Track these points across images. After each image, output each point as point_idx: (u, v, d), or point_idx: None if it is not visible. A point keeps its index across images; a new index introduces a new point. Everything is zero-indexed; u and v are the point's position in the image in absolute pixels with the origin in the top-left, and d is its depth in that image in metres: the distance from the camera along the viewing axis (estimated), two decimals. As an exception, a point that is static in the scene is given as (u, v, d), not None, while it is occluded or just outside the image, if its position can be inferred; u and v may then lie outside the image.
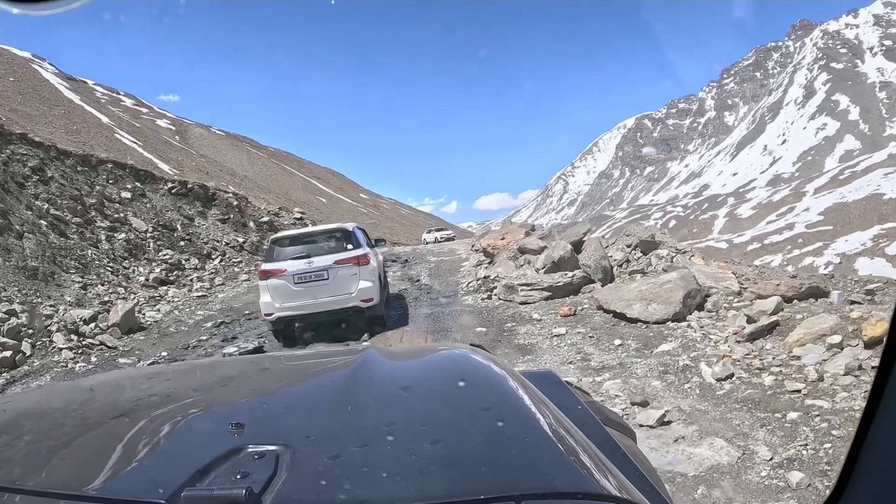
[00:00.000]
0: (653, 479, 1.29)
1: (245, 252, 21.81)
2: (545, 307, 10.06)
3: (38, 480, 1.02)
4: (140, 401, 1.42)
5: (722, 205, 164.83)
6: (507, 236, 15.56)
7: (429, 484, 0.93)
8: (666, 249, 11.33)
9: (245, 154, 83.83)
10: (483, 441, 1.06)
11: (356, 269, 9.35)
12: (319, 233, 10.28)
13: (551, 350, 7.73)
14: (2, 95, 45.56)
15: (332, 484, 0.92)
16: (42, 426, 1.31)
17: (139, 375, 2.01)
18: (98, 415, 1.37)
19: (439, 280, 15.35)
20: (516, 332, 8.89)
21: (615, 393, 5.84)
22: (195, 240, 21.01)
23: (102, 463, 1.05)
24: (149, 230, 19.96)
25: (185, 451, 1.09)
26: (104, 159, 22.80)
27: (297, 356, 3.24)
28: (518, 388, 1.30)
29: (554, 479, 0.94)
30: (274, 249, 10.04)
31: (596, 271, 10.88)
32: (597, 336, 8.01)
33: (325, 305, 9.39)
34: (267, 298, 9.53)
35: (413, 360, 1.75)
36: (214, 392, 1.55)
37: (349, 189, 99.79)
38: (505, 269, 12.21)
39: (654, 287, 8.84)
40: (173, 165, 49.28)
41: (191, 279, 17.82)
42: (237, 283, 17.44)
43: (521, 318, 9.63)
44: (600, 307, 9.13)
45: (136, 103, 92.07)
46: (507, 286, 10.96)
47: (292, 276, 9.32)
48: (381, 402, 1.29)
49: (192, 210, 22.88)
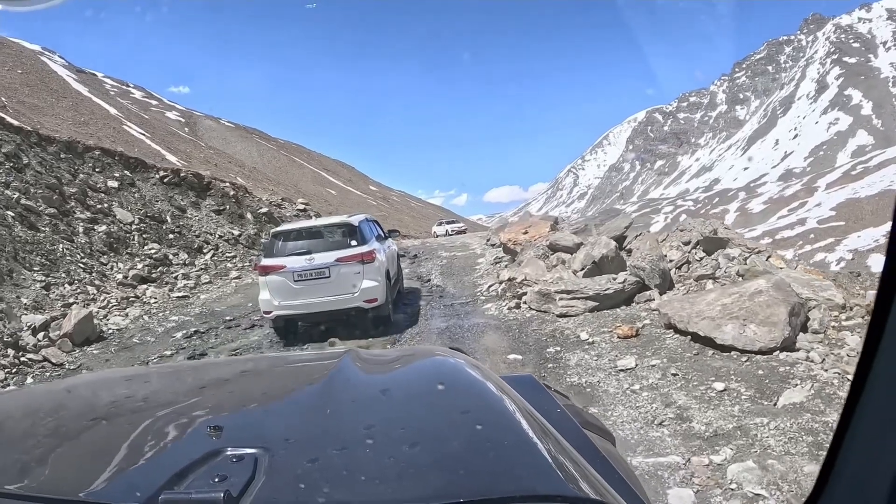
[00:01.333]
0: (632, 482, 1.27)
1: (240, 246, 19.68)
2: (593, 322, 7.81)
3: (12, 484, 0.97)
4: (117, 403, 1.41)
5: (733, 199, 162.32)
6: (529, 230, 13.34)
7: (407, 487, 0.91)
8: (737, 248, 9.05)
9: (254, 146, 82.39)
10: (462, 445, 1.05)
11: (360, 267, 8.65)
12: (322, 227, 9.44)
13: (623, 397, 5.36)
14: (9, 87, 44.11)
15: (311, 487, 0.91)
16: (17, 429, 1.27)
17: (117, 378, 1.89)
18: (75, 418, 1.34)
19: (453, 281, 13.16)
20: (564, 362, 6.58)
21: (755, 490, 3.53)
22: (185, 232, 18.90)
23: (79, 466, 1.05)
24: (134, 222, 17.90)
25: (162, 454, 1.07)
26: (91, 146, 20.77)
27: (276, 359, 2.87)
28: (497, 391, 1.28)
29: (532, 483, 0.92)
30: (274, 244, 9.25)
31: (652, 276, 8.61)
32: (683, 373, 5.66)
33: (326, 305, 8.72)
34: (266, 296, 8.88)
35: (392, 364, 1.71)
36: (193, 394, 1.48)
37: (359, 181, 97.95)
38: (534, 271, 9.97)
39: (741, 299, 6.58)
40: (181, 157, 47.86)
41: (175, 276, 15.72)
42: (225, 282, 15.29)
43: (566, 340, 7.38)
44: (671, 326, 6.87)
45: (145, 95, 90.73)
46: (542, 293, 8.72)
47: (292, 273, 8.66)
48: (360, 405, 1.27)
49: (185, 200, 20.78)
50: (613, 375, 5.85)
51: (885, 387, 0.82)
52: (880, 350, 0.82)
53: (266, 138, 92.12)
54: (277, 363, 2.07)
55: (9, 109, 36.39)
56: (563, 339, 7.39)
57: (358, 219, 9.61)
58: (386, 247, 10.29)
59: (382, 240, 10.45)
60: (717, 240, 9.30)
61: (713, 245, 9.26)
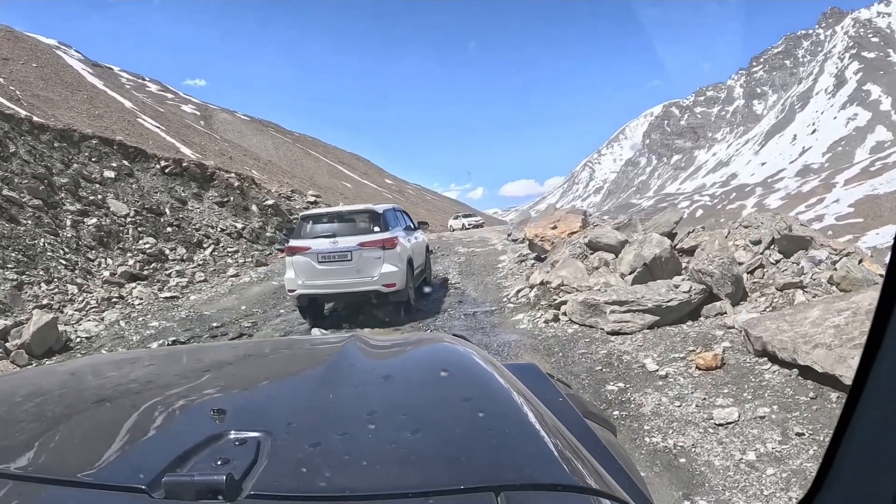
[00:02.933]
0: (632, 472, 1.25)
1: (243, 240, 18.13)
2: (656, 343, 6.08)
3: (17, 465, 0.97)
4: (121, 386, 1.41)
5: (750, 195, 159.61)
6: (559, 225, 11.61)
7: (408, 474, 0.90)
8: (824, 250, 7.29)
9: (270, 139, 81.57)
10: (463, 432, 1.04)
11: (381, 252, 8.81)
12: (348, 213, 9.63)
13: (739, 476, 3.49)
14: (24, 81, 43.44)
15: (313, 471, 0.90)
16: (20, 411, 1.25)
17: (121, 360, 1.89)
18: (79, 400, 1.32)
19: (474, 282, 11.50)
20: (636, 407, 4.73)
21: None
22: (185, 226, 17.40)
23: (82, 448, 1.03)
24: (129, 214, 16.44)
25: (166, 437, 1.06)
26: (88, 135, 19.36)
27: (279, 343, 2.92)
28: (500, 379, 1.28)
29: (533, 472, 0.92)
30: (302, 226, 9.49)
31: (722, 283, 6.86)
32: (810, 433, 3.89)
33: (346, 286, 8.97)
34: (291, 275, 9.16)
35: (395, 350, 1.70)
36: (196, 378, 1.46)
37: (374, 174, 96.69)
38: (572, 273, 8.27)
39: (856, 319, 4.86)
40: (196, 149, 46.99)
41: (169, 273, 14.21)
42: (221, 280, 13.73)
43: (628, 370, 5.57)
44: (765, 353, 5.14)
45: (161, 89, 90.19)
46: (587, 304, 6.99)
47: (316, 254, 8.90)
48: (362, 391, 1.26)
49: (187, 192, 19.29)
50: (712, 433, 4.04)
51: (886, 387, 0.81)
52: (882, 349, 0.81)
53: (282, 131, 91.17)
54: (281, 347, 2.06)
55: (23, 102, 35.61)
56: (625, 368, 5.61)
57: (383, 207, 9.68)
58: (413, 237, 10.45)
59: (411, 230, 10.64)
60: (798, 238, 7.53)
61: (793, 245, 7.50)
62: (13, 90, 38.44)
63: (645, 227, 9.41)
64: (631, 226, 9.95)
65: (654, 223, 9.36)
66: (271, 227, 19.65)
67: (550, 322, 7.48)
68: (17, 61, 49.29)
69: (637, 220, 10.28)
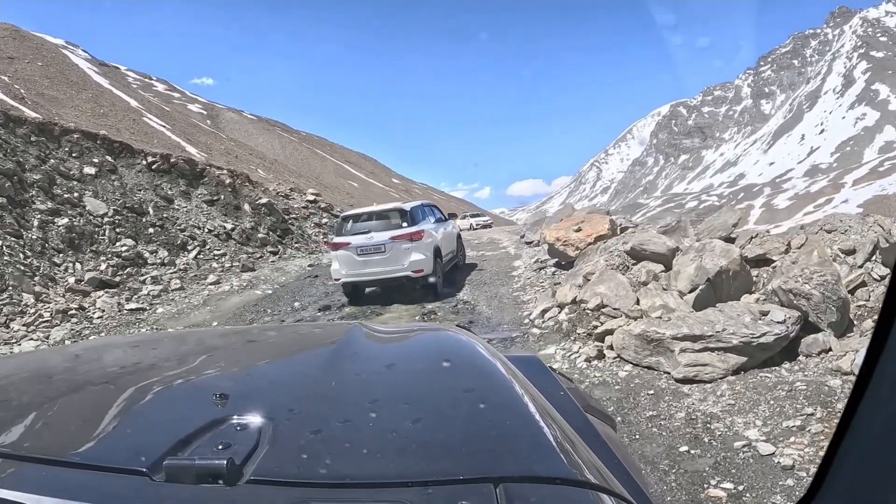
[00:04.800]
0: (630, 467, 1.23)
1: (232, 242, 16.41)
2: (753, 399, 4.28)
3: (18, 444, 0.97)
4: (125, 368, 1.40)
5: (758, 195, 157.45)
6: (583, 226, 9.84)
7: (408, 463, 0.90)
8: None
9: (276, 138, 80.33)
10: (464, 422, 1.03)
11: (409, 243, 10.03)
12: (381, 212, 10.99)
13: None
14: (29, 80, 42.13)
15: (313, 458, 0.90)
16: (25, 391, 1.25)
17: (125, 343, 1.89)
18: (82, 381, 1.31)
19: (486, 295, 9.76)
20: None
21: None
22: (169, 226, 15.71)
23: (85, 430, 1.03)
24: (107, 214, 14.77)
25: (168, 420, 1.05)
26: (70, 129, 17.71)
27: (284, 329, 2.83)
28: (502, 371, 1.27)
29: (532, 464, 0.91)
30: (343, 225, 10.94)
31: (824, 307, 5.04)
32: None
33: (381, 274, 10.26)
34: (336, 266, 10.53)
35: (399, 339, 1.70)
36: (200, 362, 1.46)
37: (381, 173, 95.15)
38: (613, 290, 6.46)
39: None
40: (201, 149, 45.73)
41: (144, 279, 12.55)
42: (198, 290, 12.03)
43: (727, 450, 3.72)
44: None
45: (167, 88, 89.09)
46: (646, 337, 5.18)
47: (356, 248, 10.21)
48: (364, 379, 1.25)
49: (174, 189, 17.59)
50: None
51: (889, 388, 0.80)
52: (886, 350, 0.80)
53: (288, 131, 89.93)
54: (285, 333, 2.03)
55: (27, 101, 34.31)
56: (721, 447, 3.76)
57: (411, 205, 10.99)
58: (443, 227, 11.78)
59: (441, 222, 12.02)
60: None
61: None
62: (18, 89, 37.30)
63: (697, 232, 7.65)
64: (680, 229, 8.12)
65: (707, 226, 7.58)
66: (264, 227, 17.95)
67: (593, 360, 5.68)
68: (23, 60, 48.13)
69: (687, 221, 8.37)
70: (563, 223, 10.89)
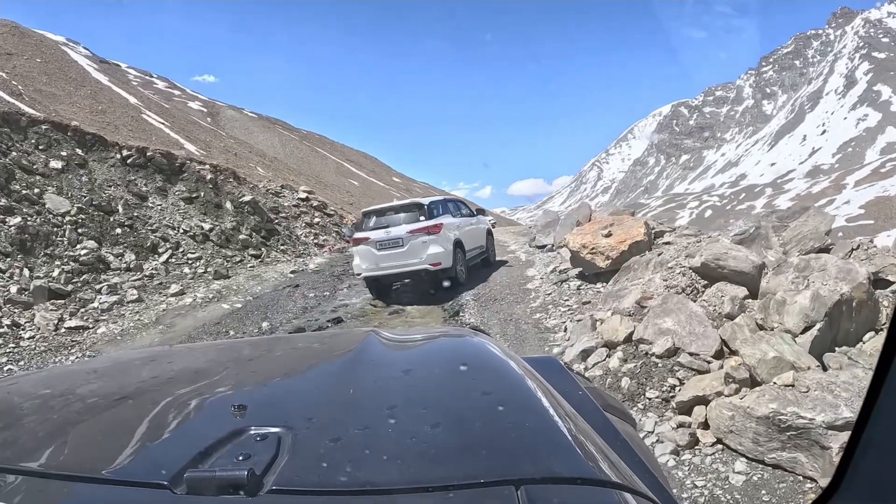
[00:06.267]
0: (651, 465, 1.23)
1: (210, 243, 14.76)
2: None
3: (41, 462, 0.96)
4: (143, 383, 1.39)
5: (760, 195, 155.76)
6: (614, 230, 8.16)
7: (428, 467, 0.89)
8: None
9: (277, 136, 79.10)
10: (483, 425, 1.02)
11: (426, 237, 10.15)
12: (399, 207, 11.08)
13: None
14: (27, 76, 40.87)
15: (333, 466, 0.89)
16: (45, 408, 1.25)
17: (143, 357, 1.83)
18: (101, 397, 1.29)
19: (497, 316, 8.10)
20: None
21: None
22: (139, 226, 14.08)
23: (105, 445, 1.03)
24: (70, 212, 13.17)
25: (187, 433, 1.05)
26: (39, 119, 16.14)
27: (299, 338, 2.75)
28: (519, 373, 1.26)
29: (553, 465, 0.90)
30: (363, 221, 11.08)
31: None
32: None
33: (400, 268, 10.35)
34: (357, 261, 10.67)
35: (415, 344, 1.70)
36: (217, 374, 1.46)
37: (382, 172, 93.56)
38: (685, 325, 4.71)
39: None
40: (200, 146, 44.57)
41: (101, 288, 10.91)
42: (158, 301, 10.34)
43: None
44: None
45: (168, 86, 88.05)
46: (775, 421, 3.33)
47: (375, 243, 10.36)
48: (382, 385, 1.25)
49: (149, 185, 15.95)
50: None
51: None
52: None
53: (289, 129, 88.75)
54: (300, 343, 2.03)
55: (24, 97, 32.94)
56: None
57: (429, 199, 11.29)
58: (469, 222, 11.88)
59: (467, 216, 12.10)
60: None
61: None
62: (15, 85, 36.10)
63: (783, 241, 5.92)
64: (760, 238, 6.24)
65: (794, 234, 5.91)
66: (247, 228, 16.26)
67: (683, 452, 3.87)
68: (22, 56, 46.85)
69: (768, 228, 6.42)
70: (589, 226, 9.17)
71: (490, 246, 13.21)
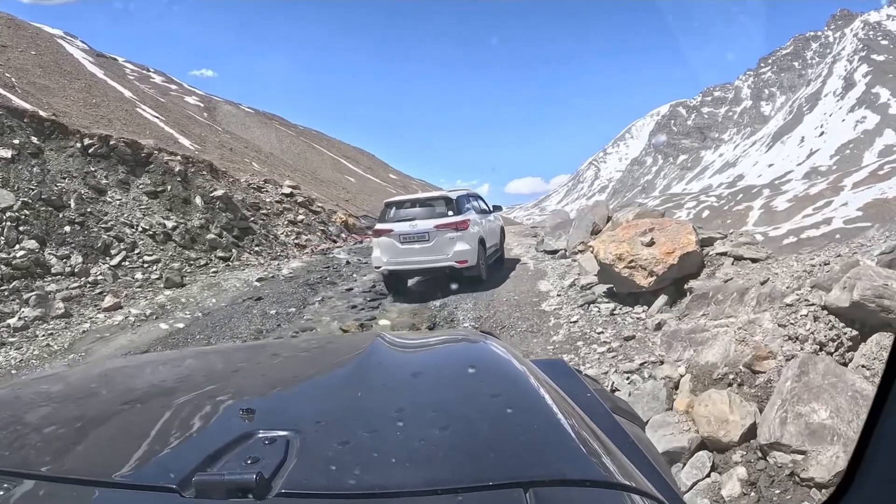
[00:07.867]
0: (661, 467, 1.22)
1: (172, 244, 13.06)
2: None
3: (49, 466, 0.96)
4: (152, 387, 1.38)
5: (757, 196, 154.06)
6: (656, 236, 6.41)
7: (437, 470, 0.88)
8: None
9: (274, 132, 77.71)
10: (492, 428, 1.01)
11: (454, 233, 9.69)
12: (425, 199, 10.57)
13: None
14: (21, 68, 39.36)
15: (342, 469, 0.88)
16: (55, 412, 1.23)
17: (150, 362, 1.84)
18: (110, 401, 1.29)
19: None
20: None
21: None
22: (92, 224, 12.39)
23: (114, 449, 1.02)
24: (13, 207, 11.51)
25: (196, 437, 1.04)
26: (-8, 103, 14.50)
27: (307, 342, 2.79)
28: (528, 375, 1.25)
29: (562, 467, 0.90)
30: (386, 212, 10.36)
31: None
32: None
33: (424, 263, 9.90)
34: (377, 254, 10.13)
35: (423, 347, 1.69)
36: (225, 378, 1.45)
37: (378, 169, 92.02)
38: (846, 413, 2.92)
39: None
40: (195, 140, 43.09)
41: (29, 298, 9.22)
42: (88, 316, 8.61)
43: None
44: None
45: (165, 80, 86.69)
46: None
47: (399, 236, 9.83)
48: (390, 388, 1.24)
49: (110, 178, 14.26)
50: None
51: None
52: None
53: (286, 124, 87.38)
54: (308, 346, 2.00)
55: (17, 90, 31.36)
56: None
57: (456, 193, 10.59)
58: (487, 219, 11.40)
59: (485, 213, 11.62)
60: None
61: None
62: (9, 77, 34.61)
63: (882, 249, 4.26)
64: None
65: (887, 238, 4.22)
66: (217, 226, 14.55)
67: None
68: (16, 49, 45.28)
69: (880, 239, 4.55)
70: (623, 231, 7.16)
71: (502, 244, 12.90)
